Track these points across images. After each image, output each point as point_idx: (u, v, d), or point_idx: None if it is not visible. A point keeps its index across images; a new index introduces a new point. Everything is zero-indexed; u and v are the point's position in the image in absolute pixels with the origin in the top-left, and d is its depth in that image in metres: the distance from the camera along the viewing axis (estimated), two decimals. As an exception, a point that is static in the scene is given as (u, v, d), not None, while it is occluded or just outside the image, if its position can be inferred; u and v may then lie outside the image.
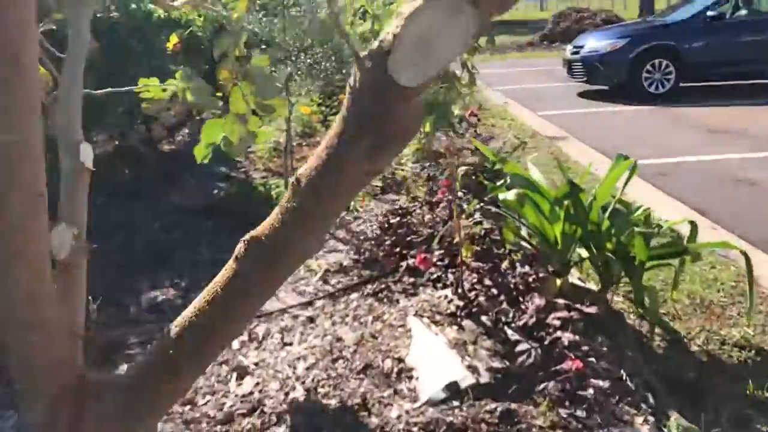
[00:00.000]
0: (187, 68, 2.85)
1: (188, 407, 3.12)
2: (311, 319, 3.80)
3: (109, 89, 2.55)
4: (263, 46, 5.58)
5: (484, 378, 3.00)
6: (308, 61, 5.52)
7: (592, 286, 4.10)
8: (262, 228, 0.79)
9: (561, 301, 3.28)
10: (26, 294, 0.69)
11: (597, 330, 3.46)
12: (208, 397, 3.20)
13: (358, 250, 4.61)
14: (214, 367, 3.42)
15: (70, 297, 0.98)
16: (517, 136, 8.98)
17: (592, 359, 2.99)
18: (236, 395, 3.19)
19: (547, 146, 8.53)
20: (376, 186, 6.19)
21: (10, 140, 0.61)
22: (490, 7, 0.65)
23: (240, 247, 0.86)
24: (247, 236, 0.79)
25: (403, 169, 6.65)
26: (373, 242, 4.64)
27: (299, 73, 5.51)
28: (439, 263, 3.91)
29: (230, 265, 0.79)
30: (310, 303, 4.01)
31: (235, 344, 3.63)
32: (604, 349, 3.32)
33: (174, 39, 2.11)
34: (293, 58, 5.49)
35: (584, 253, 3.80)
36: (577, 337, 2.98)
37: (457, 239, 3.43)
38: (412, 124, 0.75)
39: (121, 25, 6.28)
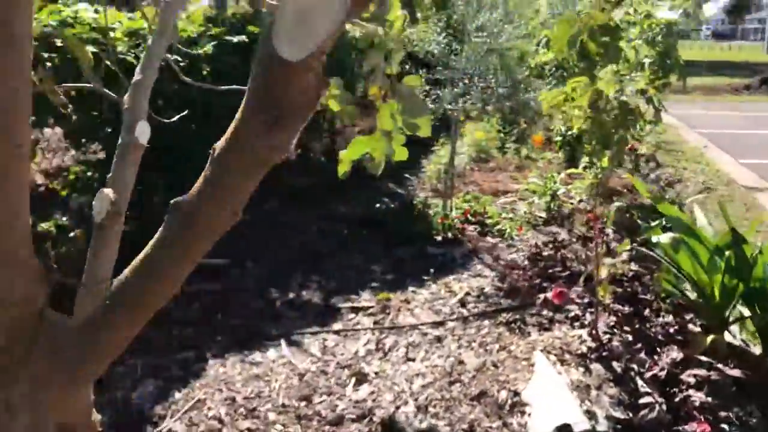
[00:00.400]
0: (338, 78, 2.97)
1: (304, 403, 3.22)
2: (439, 339, 3.78)
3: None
4: (439, 67, 5.67)
5: (602, 426, 2.80)
6: (480, 85, 5.52)
7: (757, 349, 3.68)
8: (187, 194, 0.82)
9: (703, 358, 2.98)
10: None
11: (750, 397, 3.10)
12: (324, 397, 3.29)
13: (502, 277, 4.51)
14: (336, 370, 3.52)
15: (101, 254, 1.08)
16: (708, 181, 8.30)
17: (725, 426, 2.67)
18: (350, 399, 3.25)
19: (741, 196, 7.79)
20: (540, 216, 6.02)
21: (3, 93, 0.70)
22: None
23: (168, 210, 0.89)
24: (173, 200, 0.82)
25: (571, 203, 6.40)
26: (519, 272, 4.52)
27: (471, 96, 5.54)
28: (578, 301, 3.71)
29: (162, 227, 0.83)
30: (442, 323, 3.98)
31: (362, 351, 3.70)
32: (753, 420, 2.96)
33: None
34: (467, 81, 5.53)
35: (746, 312, 3.43)
36: (709, 399, 2.68)
37: (596, 278, 3.24)
38: (306, 102, 0.74)
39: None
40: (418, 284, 4.59)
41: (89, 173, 4.64)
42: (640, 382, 2.99)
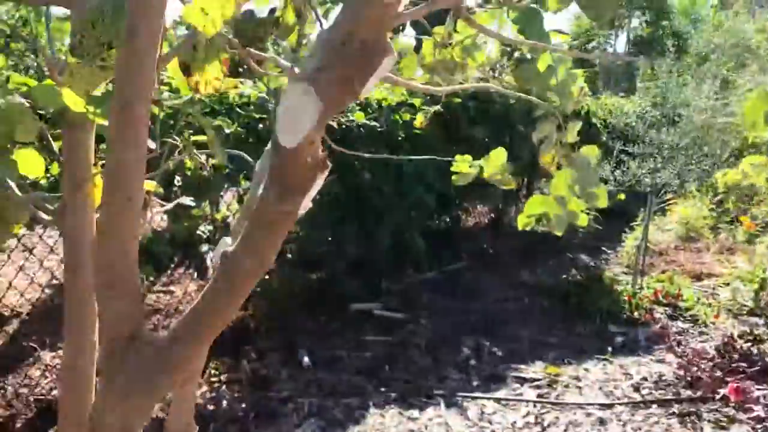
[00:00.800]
0: (501, 149, 3.09)
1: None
2: (602, 421, 3.62)
3: (430, 157, 2.91)
4: (637, 140, 5.53)
5: None
6: (681, 160, 5.29)
7: None
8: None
9: None
10: (109, 262, 0.99)
11: None
12: (473, 462, 3.30)
13: (685, 365, 4.21)
14: (490, 437, 3.51)
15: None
16: None
17: None
18: (498, 469, 3.23)
19: None
20: (744, 305, 5.52)
21: (121, 158, 0.93)
22: (330, 95, 0.75)
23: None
24: (223, 250, 0.98)
25: (784, 294, 5.79)
26: (706, 362, 4.19)
27: (669, 171, 5.31)
28: (765, 401, 3.37)
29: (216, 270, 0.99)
30: (610, 405, 3.81)
31: (519, 423, 3.66)
32: None
33: (420, 118, 2.36)
34: (665, 156, 5.33)
35: None
36: None
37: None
38: (305, 180, 0.85)
39: (514, 110, 6.85)
40: (593, 362, 4.43)
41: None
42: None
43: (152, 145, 1.48)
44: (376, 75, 0.78)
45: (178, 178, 3.96)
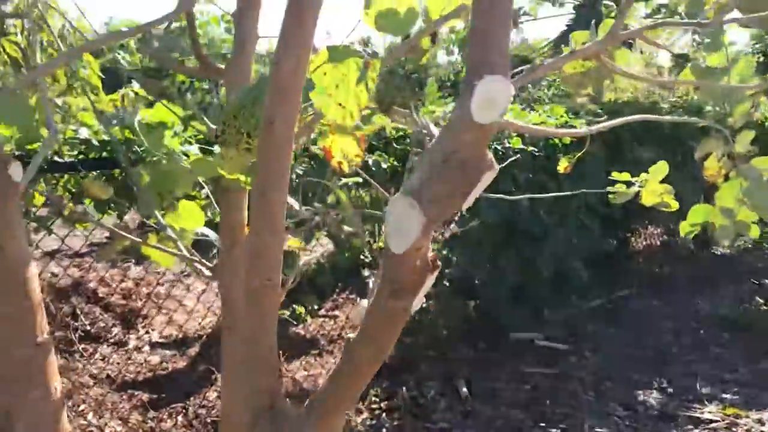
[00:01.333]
0: (663, 163, 2.94)
1: None
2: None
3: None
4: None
5: None
6: None
7: None
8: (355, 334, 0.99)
9: None
10: (249, 339, 1.06)
11: None
12: None
13: None
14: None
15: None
16: None
17: None
18: None
19: None
20: None
21: (260, 243, 1.00)
22: (433, 209, 0.74)
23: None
24: (347, 337, 1.00)
25: None
26: None
27: None
28: None
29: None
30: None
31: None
32: None
33: (564, 163, 2.23)
34: None
35: None
36: None
37: None
38: (415, 281, 0.85)
39: (685, 126, 6.43)
40: (780, 404, 4.02)
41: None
42: None
43: (295, 205, 1.58)
44: (479, 188, 0.80)
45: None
